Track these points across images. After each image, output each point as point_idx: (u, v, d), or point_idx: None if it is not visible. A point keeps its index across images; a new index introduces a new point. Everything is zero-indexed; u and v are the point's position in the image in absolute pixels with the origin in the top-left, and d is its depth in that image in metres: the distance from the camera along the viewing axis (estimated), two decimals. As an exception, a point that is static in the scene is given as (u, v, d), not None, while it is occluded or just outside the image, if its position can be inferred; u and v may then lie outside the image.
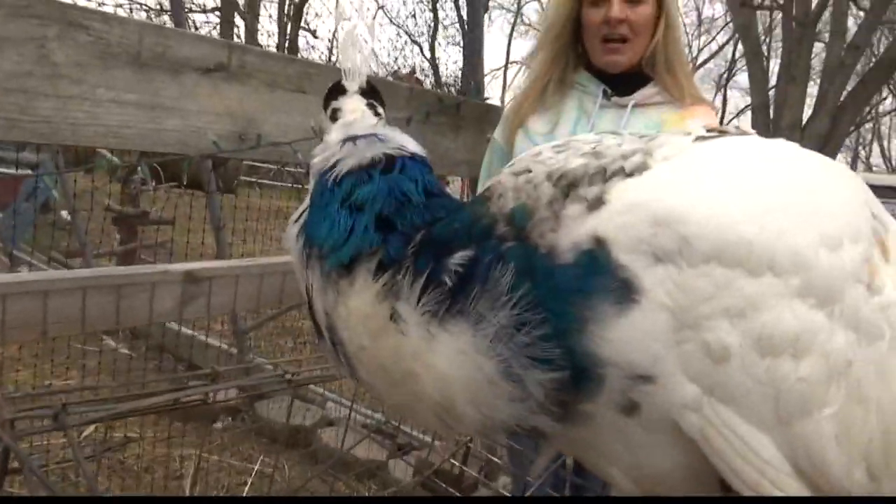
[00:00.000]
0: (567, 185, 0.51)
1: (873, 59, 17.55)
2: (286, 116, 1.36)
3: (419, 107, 1.67)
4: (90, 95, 1.04)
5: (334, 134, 0.64)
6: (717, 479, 0.52)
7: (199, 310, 1.32)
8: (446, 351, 0.49)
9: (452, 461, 2.16)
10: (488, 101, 1.93)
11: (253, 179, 10.29)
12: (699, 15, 32.44)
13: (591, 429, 0.51)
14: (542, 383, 0.48)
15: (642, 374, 0.48)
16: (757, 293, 0.47)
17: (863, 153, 34.37)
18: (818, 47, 17.90)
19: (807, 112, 16.17)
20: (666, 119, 1.40)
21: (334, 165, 0.60)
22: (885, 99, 27.55)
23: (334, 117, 0.67)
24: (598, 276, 0.47)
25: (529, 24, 31.86)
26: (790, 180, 0.53)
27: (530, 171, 0.54)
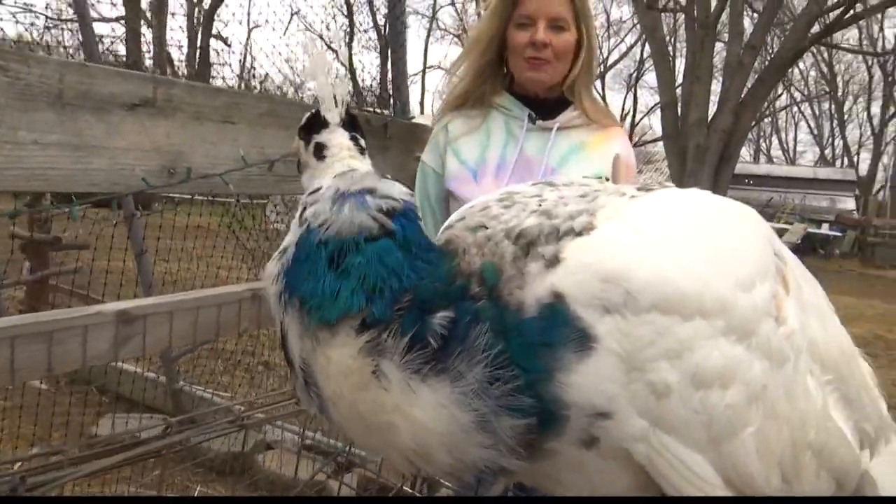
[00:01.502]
0: (526, 244, 0.57)
1: (769, 59, 18.68)
2: (214, 147, 1.34)
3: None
4: (10, 138, 1.00)
5: (326, 185, 0.63)
6: (662, 497, 0.57)
7: (135, 350, 1.29)
8: (427, 405, 0.54)
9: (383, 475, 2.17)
10: (414, 120, 1.97)
11: (170, 195, 9.94)
12: (608, 17, 33.58)
13: (552, 463, 0.56)
14: (513, 429, 0.54)
15: (601, 411, 0.54)
16: (690, 336, 0.54)
17: (764, 146, 36.43)
18: (719, 47, 18.89)
19: (712, 109, 17.03)
20: (587, 141, 1.48)
21: (323, 225, 0.60)
22: (780, 95, 29.33)
23: (319, 153, 0.67)
24: (560, 328, 0.54)
25: (445, 29, 32.15)
26: (709, 234, 0.60)
27: (487, 228, 0.58)
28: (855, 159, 31.70)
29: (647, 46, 17.93)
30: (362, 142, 0.71)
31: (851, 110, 32.39)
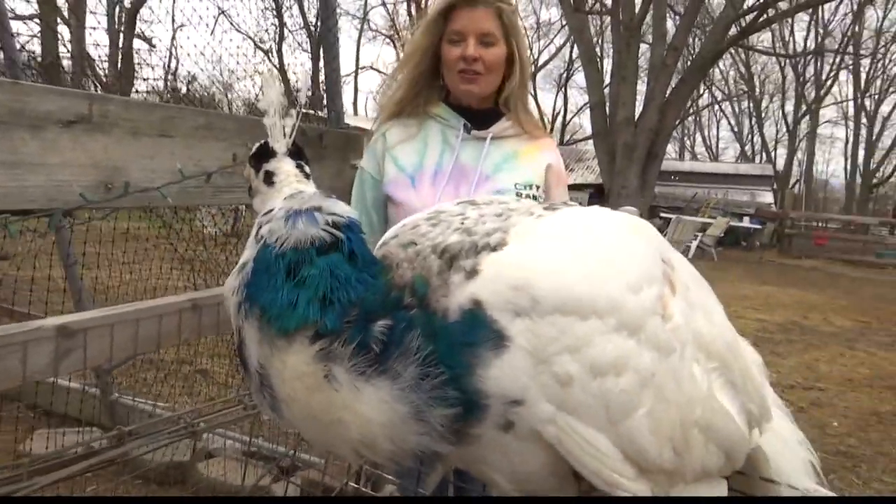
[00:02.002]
0: (450, 258, 0.66)
1: (691, 60, 19.44)
2: (152, 161, 1.36)
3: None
4: (-57, 158, 1.00)
5: (278, 207, 0.69)
6: (571, 472, 0.66)
7: (76, 364, 1.29)
8: (371, 401, 0.62)
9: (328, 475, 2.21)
10: (349, 123, 2.01)
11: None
12: (537, 19, 34.20)
13: (477, 446, 0.64)
14: (443, 418, 0.62)
15: (515, 399, 0.62)
16: (586, 333, 0.63)
17: (688, 143, 37.81)
18: (644, 48, 19.54)
19: (638, 108, 17.59)
20: (520, 151, 1.56)
21: (278, 240, 0.66)
22: (702, 94, 30.55)
23: (269, 180, 0.74)
24: (479, 330, 0.62)
25: (377, 30, 32.04)
26: (602, 246, 0.70)
27: (416, 245, 0.66)
28: (773, 155, 33.29)
29: (575, 48, 18.33)
30: (307, 168, 0.77)
31: (768, 108, 34.07)
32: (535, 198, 1.51)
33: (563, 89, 33.92)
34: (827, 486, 0.98)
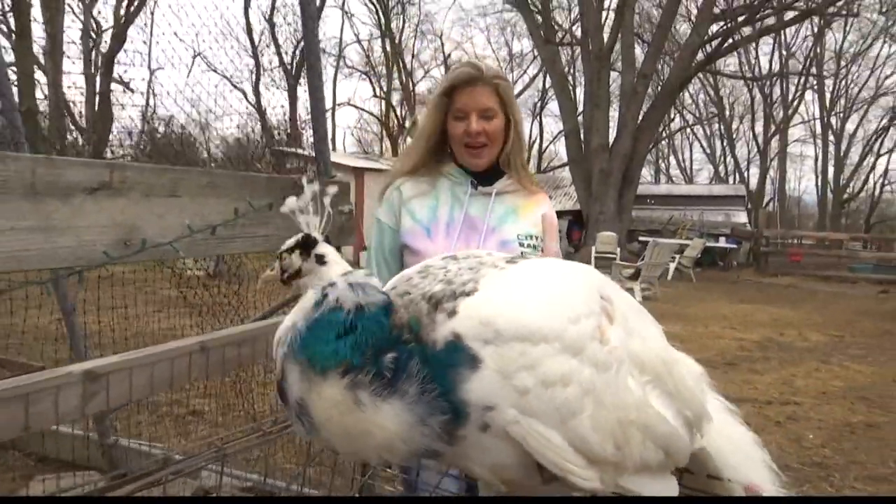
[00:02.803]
0: (435, 303, 0.84)
1: (660, 85, 19.98)
2: (162, 219, 1.50)
3: (278, 192, 1.87)
4: (-12, 227, 1.14)
5: (339, 280, 0.87)
6: (535, 463, 0.84)
7: (100, 405, 1.42)
8: (388, 415, 0.80)
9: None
10: (336, 179, 2.17)
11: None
12: (510, 50, 34.96)
13: (464, 445, 0.82)
14: (439, 423, 0.80)
15: (488, 405, 0.81)
16: (538, 355, 0.83)
17: (663, 166, 38.50)
18: (615, 76, 20.07)
19: (612, 134, 17.99)
20: (519, 205, 1.76)
21: (345, 303, 0.84)
22: (674, 119, 31.27)
23: (321, 261, 0.91)
24: (459, 354, 0.81)
25: (352, 67, 32.51)
26: (550, 289, 0.91)
27: (409, 294, 0.84)
28: (745, 175, 34.04)
29: (548, 77, 18.76)
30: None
31: (738, 129, 34.89)
32: (534, 247, 1.71)
33: (538, 117, 34.58)
34: (779, 480, 1.14)
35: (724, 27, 17.87)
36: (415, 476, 1.28)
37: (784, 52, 29.65)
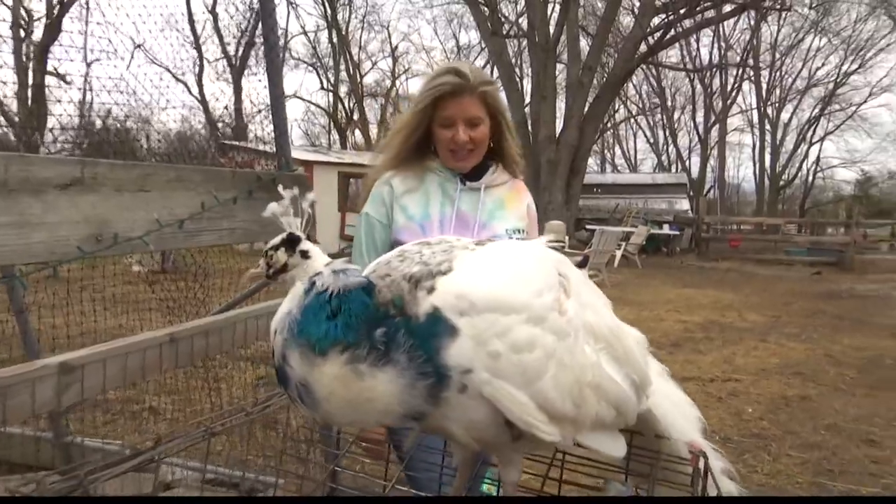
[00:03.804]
0: (415, 282, 0.93)
1: (605, 77, 20.38)
2: (132, 213, 1.54)
3: (242, 186, 1.91)
4: (-36, 224, 1.16)
5: (324, 270, 0.95)
6: (505, 421, 0.94)
7: (75, 397, 1.45)
8: (384, 382, 0.89)
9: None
10: (297, 173, 2.22)
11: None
12: (457, 42, 35.02)
13: (445, 406, 0.92)
14: (426, 387, 0.89)
15: (466, 369, 0.90)
16: (508, 324, 0.92)
17: (608, 156, 39.30)
18: (561, 68, 20.36)
19: (559, 125, 18.28)
20: (506, 198, 1.82)
21: (329, 288, 0.92)
22: (618, 110, 31.94)
23: (306, 255, 0.98)
24: (439, 325, 0.90)
25: (298, 58, 32.05)
26: (516, 266, 1.01)
27: (390, 276, 0.92)
28: (687, 163, 35.05)
29: (495, 69, 18.89)
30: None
31: (680, 119, 35.89)
32: (521, 240, 1.74)
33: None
34: (705, 436, 1.27)
35: (666, 20, 18.33)
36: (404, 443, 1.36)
37: (723, 45, 30.63)
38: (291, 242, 0.98)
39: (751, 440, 4.18)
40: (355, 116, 33.26)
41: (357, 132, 33.98)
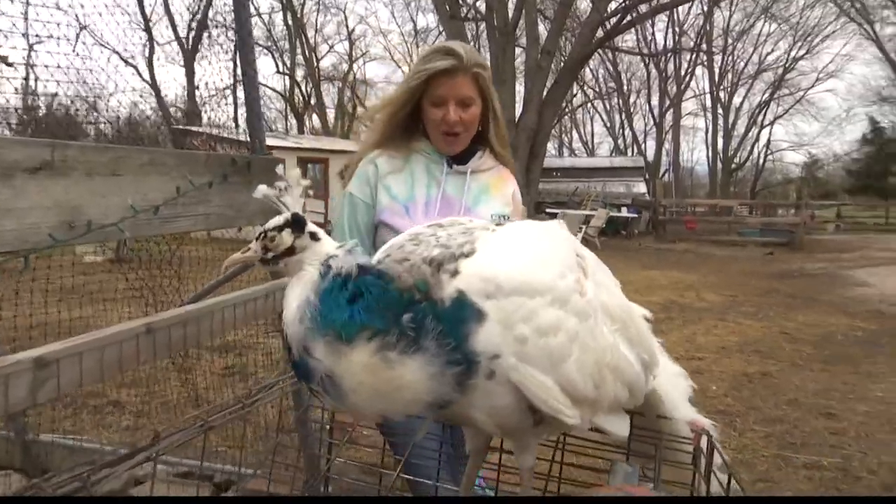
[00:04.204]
0: (437, 265, 0.89)
1: (563, 61, 20.48)
2: (105, 199, 1.46)
3: (217, 170, 1.84)
4: (-72, 211, 1.08)
5: (339, 252, 0.92)
6: (529, 406, 0.92)
7: (51, 392, 1.38)
8: (414, 369, 0.85)
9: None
10: (272, 157, 2.15)
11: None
12: (415, 25, 34.74)
13: (472, 393, 0.89)
14: (454, 374, 0.86)
15: (494, 354, 0.87)
16: (533, 307, 0.90)
17: (566, 140, 39.63)
18: (519, 52, 20.37)
19: (518, 109, 18.32)
20: (491, 183, 1.79)
21: (343, 268, 0.88)
22: (577, 94, 32.17)
23: (315, 237, 0.94)
24: (466, 309, 0.87)
25: (256, 43, 31.29)
26: (538, 248, 0.99)
27: (409, 260, 0.88)
28: (643, 147, 35.59)
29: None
30: None
31: (636, 103, 36.37)
32: None
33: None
34: (697, 406, 1.28)
35: (623, 4, 18.47)
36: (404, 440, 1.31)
37: (677, 30, 31.05)
38: (298, 223, 0.93)
39: (716, 416, 4.27)
40: (312, 101, 32.75)
41: (314, 117, 33.50)
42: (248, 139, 2.13)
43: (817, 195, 29.95)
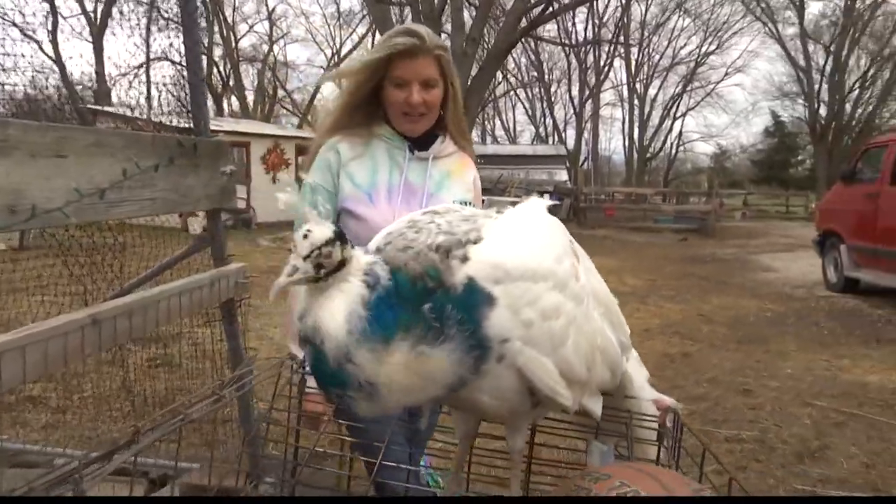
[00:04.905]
0: (445, 252, 0.89)
1: (487, 49, 20.62)
2: (49, 182, 1.37)
3: (163, 153, 1.76)
4: None
5: (376, 260, 0.90)
6: (528, 389, 0.95)
7: (-8, 387, 1.30)
8: (440, 359, 0.86)
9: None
10: (217, 138, 2.07)
11: None
12: (338, 7, 34.10)
13: (483, 377, 0.90)
14: (472, 358, 0.87)
15: (505, 338, 0.89)
16: (538, 292, 0.92)
17: (489, 128, 40.01)
18: (444, 38, 20.35)
19: (443, 96, 18.27)
20: (453, 169, 1.77)
21: (383, 281, 0.88)
22: (500, 82, 32.51)
23: (352, 246, 0.90)
24: (477, 295, 0.87)
25: (168, 18, 29.91)
26: (538, 234, 1.01)
27: (412, 248, 0.88)
28: (564, 136, 36.39)
29: (378, 36, 18.58)
30: None
31: (556, 93, 37.10)
32: None
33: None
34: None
35: (546, -6, 18.74)
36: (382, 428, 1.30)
37: (597, 21, 31.84)
38: (343, 235, 0.88)
39: (644, 396, 4.48)
40: (231, 82, 31.64)
41: (234, 99, 32.40)
42: (192, 121, 2.04)
43: (726, 184, 31.55)
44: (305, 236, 0.86)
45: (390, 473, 1.45)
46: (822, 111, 29.15)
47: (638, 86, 35.30)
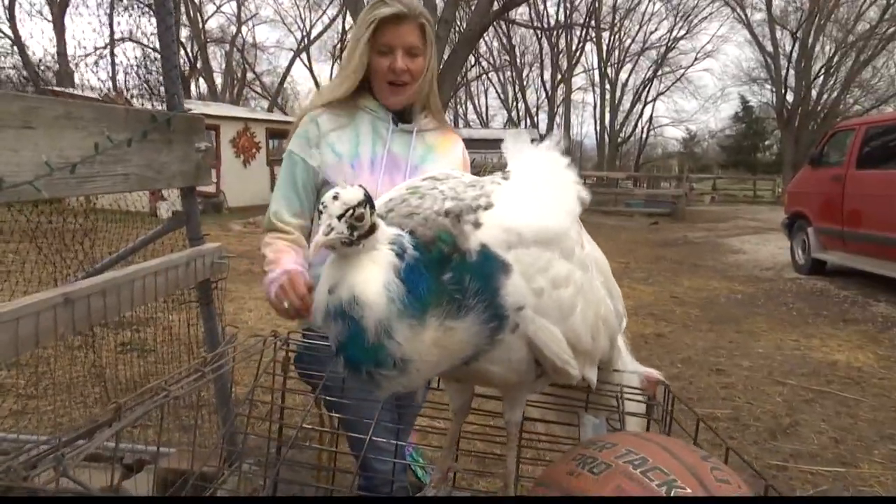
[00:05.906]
0: (455, 216, 0.87)
1: (460, 32, 20.48)
2: (16, 154, 1.31)
3: (137, 127, 1.70)
4: None
5: (402, 231, 0.87)
6: (534, 359, 0.93)
7: (-38, 368, 1.25)
8: (462, 332, 0.84)
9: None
10: (191, 112, 2.01)
11: None
12: (309, -11, 33.53)
13: (497, 347, 0.88)
14: (490, 328, 0.86)
15: (520, 306, 0.87)
16: (549, 259, 0.90)
17: (461, 111, 39.90)
18: (417, 20, 20.15)
19: (416, 79, 18.14)
20: (436, 143, 1.75)
21: (410, 250, 0.85)
22: (473, 66, 32.37)
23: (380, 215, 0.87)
24: (491, 262, 0.85)
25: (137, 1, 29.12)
26: (547, 199, 0.97)
27: (419, 213, 0.86)
28: (535, 119, 36.44)
29: (349, 18, 18.35)
30: None
31: (528, 77, 37.09)
32: None
33: (338, 60, 33.75)
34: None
35: (519, -23, 18.65)
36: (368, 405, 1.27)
37: (569, 5, 31.80)
38: (371, 199, 0.83)
39: (619, 376, 4.52)
40: (199, 64, 31.00)
41: (201, 81, 31.77)
42: (165, 95, 1.97)
43: (695, 169, 31.97)
44: (336, 197, 0.82)
45: (376, 452, 1.43)
46: (789, 97, 29.57)
47: (609, 70, 35.45)
